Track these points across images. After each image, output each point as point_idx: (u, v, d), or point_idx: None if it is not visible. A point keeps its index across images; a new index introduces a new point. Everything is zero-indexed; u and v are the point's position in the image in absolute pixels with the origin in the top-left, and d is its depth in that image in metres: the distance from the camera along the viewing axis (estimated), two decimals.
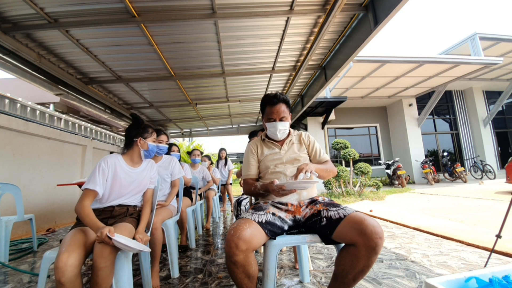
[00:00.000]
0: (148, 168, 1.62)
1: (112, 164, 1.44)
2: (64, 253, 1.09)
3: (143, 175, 1.58)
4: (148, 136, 1.58)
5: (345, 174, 5.94)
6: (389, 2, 2.51)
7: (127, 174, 1.49)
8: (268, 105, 1.46)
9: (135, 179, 1.53)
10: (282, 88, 5.26)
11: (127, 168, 1.51)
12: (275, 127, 1.44)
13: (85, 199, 1.30)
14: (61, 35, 2.82)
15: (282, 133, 1.47)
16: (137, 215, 1.58)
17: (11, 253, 2.63)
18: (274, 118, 1.44)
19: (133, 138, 1.54)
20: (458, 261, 1.90)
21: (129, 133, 1.56)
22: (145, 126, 1.59)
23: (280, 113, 1.43)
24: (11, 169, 3.63)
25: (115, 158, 1.48)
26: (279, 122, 1.43)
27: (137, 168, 1.56)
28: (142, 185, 1.57)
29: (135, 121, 1.58)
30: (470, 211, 3.66)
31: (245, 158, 1.57)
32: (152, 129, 1.63)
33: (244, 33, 3.16)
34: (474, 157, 10.13)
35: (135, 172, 1.54)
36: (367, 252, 0.98)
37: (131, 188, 1.51)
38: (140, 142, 1.55)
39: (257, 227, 1.10)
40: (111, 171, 1.43)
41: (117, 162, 1.47)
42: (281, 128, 1.44)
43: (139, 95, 4.85)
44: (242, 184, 1.52)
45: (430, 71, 7.17)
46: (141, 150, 1.56)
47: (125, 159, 1.53)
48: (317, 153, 1.49)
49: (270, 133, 1.50)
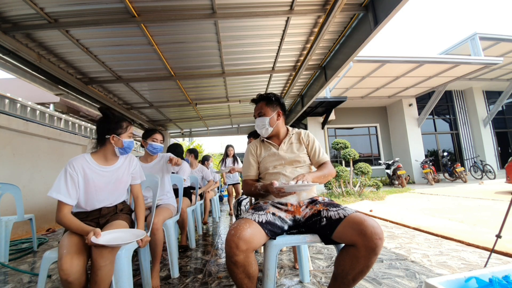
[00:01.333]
0: (126, 164, 1.48)
1: (79, 167, 1.30)
2: (67, 255, 1.08)
3: (121, 172, 1.45)
4: (123, 132, 1.41)
5: (345, 174, 5.94)
6: (389, 2, 2.51)
7: (99, 174, 1.36)
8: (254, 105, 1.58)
9: (112, 178, 1.41)
10: (282, 88, 5.26)
11: (98, 168, 1.37)
12: (256, 123, 1.53)
13: (61, 209, 1.22)
14: (61, 35, 2.82)
15: (261, 128, 1.51)
16: (129, 210, 1.53)
17: (11, 253, 2.62)
18: (255, 115, 1.55)
19: (105, 135, 1.38)
20: (458, 261, 1.90)
21: (100, 130, 1.39)
22: (117, 120, 1.41)
23: (258, 109, 1.52)
24: (11, 169, 3.63)
25: (81, 160, 1.33)
26: (257, 118, 1.51)
27: (112, 166, 1.42)
28: (123, 182, 1.45)
29: (105, 116, 1.41)
30: (470, 211, 3.66)
31: (245, 159, 1.58)
32: (128, 123, 1.45)
33: (244, 33, 3.16)
34: (474, 157, 10.13)
35: (109, 170, 1.40)
36: (366, 253, 0.98)
37: (110, 188, 1.40)
38: (114, 139, 1.38)
39: (257, 227, 1.10)
40: (81, 175, 1.30)
41: (85, 163, 1.33)
42: (258, 123, 1.51)
43: (139, 95, 4.85)
44: (242, 185, 1.54)
45: (430, 71, 7.17)
46: (116, 148, 1.40)
47: (96, 158, 1.39)
48: (316, 153, 1.48)
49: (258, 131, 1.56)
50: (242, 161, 1.79)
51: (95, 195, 1.35)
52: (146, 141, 2.06)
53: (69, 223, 1.20)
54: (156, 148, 2.06)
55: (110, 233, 1.22)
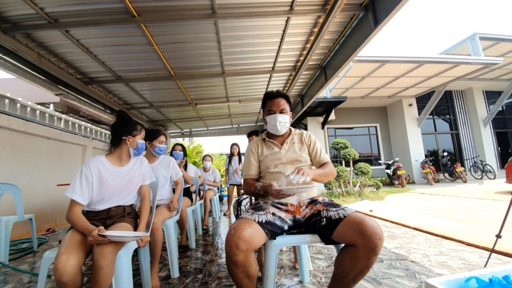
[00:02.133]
0: (138, 165, 1.57)
1: (95, 168, 1.39)
2: (63, 254, 1.08)
3: (133, 173, 1.53)
4: (137, 134, 1.53)
5: (345, 174, 5.94)
6: (389, 2, 2.51)
7: (114, 175, 1.44)
8: (268, 99, 1.49)
9: (125, 178, 1.48)
10: (282, 88, 5.26)
11: (113, 168, 1.45)
12: (275, 119, 1.43)
13: (72, 208, 1.29)
14: (61, 35, 2.82)
15: (282, 126, 1.45)
16: (135, 215, 1.57)
17: (11, 253, 2.63)
18: (274, 110, 1.45)
19: (121, 137, 1.48)
20: (458, 261, 1.90)
21: (117, 131, 1.49)
22: (133, 123, 1.54)
23: (280, 106, 1.44)
24: (11, 169, 3.63)
25: (97, 161, 1.43)
26: (279, 114, 1.44)
27: (125, 167, 1.51)
28: (134, 183, 1.53)
29: (123, 118, 1.53)
30: (470, 211, 3.66)
31: (245, 158, 1.56)
32: (141, 126, 1.59)
33: (244, 33, 3.16)
34: (474, 157, 10.13)
35: (123, 171, 1.49)
36: (366, 253, 0.98)
37: (122, 188, 1.47)
38: (129, 140, 1.49)
39: (257, 227, 1.10)
40: (96, 176, 1.38)
41: (100, 165, 1.42)
42: (281, 120, 1.43)
43: (139, 95, 4.85)
44: (242, 184, 1.52)
45: (430, 71, 7.17)
46: (130, 149, 1.51)
47: (111, 159, 1.48)
48: (317, 154, 1.48)
49: (270, 127, 1.48)
50: None
51: (109, 193, 1.42)
52: (152, 143, 2.10)
53: (77, 221, 1.26)
54: (163, 150, 2.15)
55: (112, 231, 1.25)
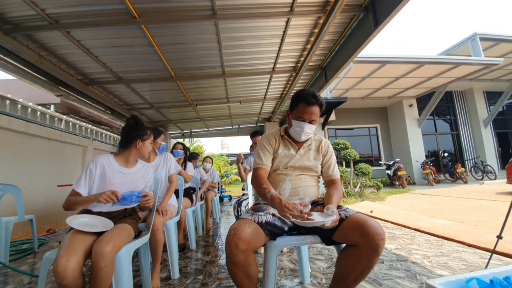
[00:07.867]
0: (143, 171, 1.61)
1: (100, 164, 1.44)
2: (63, 257, 1.07)
3: (138, 176, 1.56)
4: (147, 138, 1.60)
5: (345, 175, 5.93)
6: (389, 3, 2.51)
7: (117, 174, 1.47)
8: (303, 102, 1.32)
9: (128, 180, 1.51)
10: (282, 89, 5.27)
11: (117, 167, 1.49)
12: (302, 128, 1.34)
13: (70, 195, 1.37)
14: (62, 36, 2.83)
15: (306, 136, 1.38)
16: (136, 216, 1.57)
17: (11, 254, 2.62)
18: (305, 118, 1.33)
19: (132, 140, 1.54)
20: (459, 262, 1.90)
21: (128, 134, 1.55)
22: (144, 128, 1.61)
23: (312, 116, 1.33)
24: (11, 169, 3.64)
25: (104, 158, 1.48)
26: (307, 124, 1.33)
27: (130, 169, 1.55)
28: (137, 187, 1.55)
29: (136, 123, 1.59)
30: (470, 211, 3.65)
31: (260, 147, 1.44)
32: (150, 131, 1.66)
33: (244, 34, 3.17)
34: (475, 158, 10.11)
35: (127, 172, 1.52)
36: (368, 253, 0.98)
37: (124, 188, 1.46)
38: (139, 144, 1.55)
39: (257, 228, 1.10)
40: (99, 171, 1.43)
41: (106, 161, 1.47)
42: (307, 130, 1.34)
43: (140, 96, 4.86)
44: (252, 173, 1.39)
45: (431, 72, 7.17)
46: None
47: (118, 159, 1.52)
48: (330, 167, 1.43)
49: (293, 132, 1.39)
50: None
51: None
52: (156, 141, 2.15)
53: (74, 201, 1.33)
54: (164, 148, 2.26)
55: (83, 217, 1.31)
